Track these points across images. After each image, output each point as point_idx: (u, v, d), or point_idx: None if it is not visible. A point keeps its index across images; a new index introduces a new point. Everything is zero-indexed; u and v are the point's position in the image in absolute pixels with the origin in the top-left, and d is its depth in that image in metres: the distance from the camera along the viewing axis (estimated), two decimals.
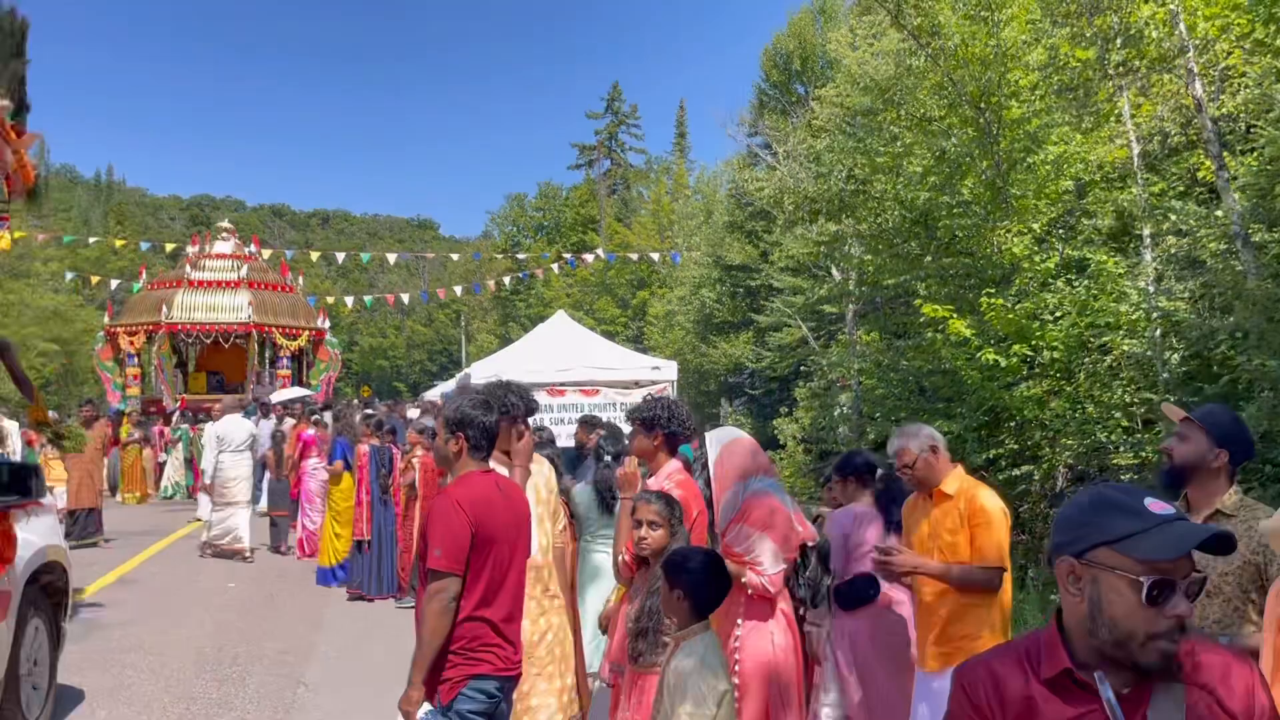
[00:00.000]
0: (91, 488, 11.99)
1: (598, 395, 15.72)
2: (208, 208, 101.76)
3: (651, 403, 4.16)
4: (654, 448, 4.04)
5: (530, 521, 3.37)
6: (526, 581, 3.88)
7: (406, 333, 78.90)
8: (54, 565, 4.73)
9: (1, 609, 3.97)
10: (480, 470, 3.21)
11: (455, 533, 2.99)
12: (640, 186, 51.83)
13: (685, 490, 3.81)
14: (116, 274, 35.52)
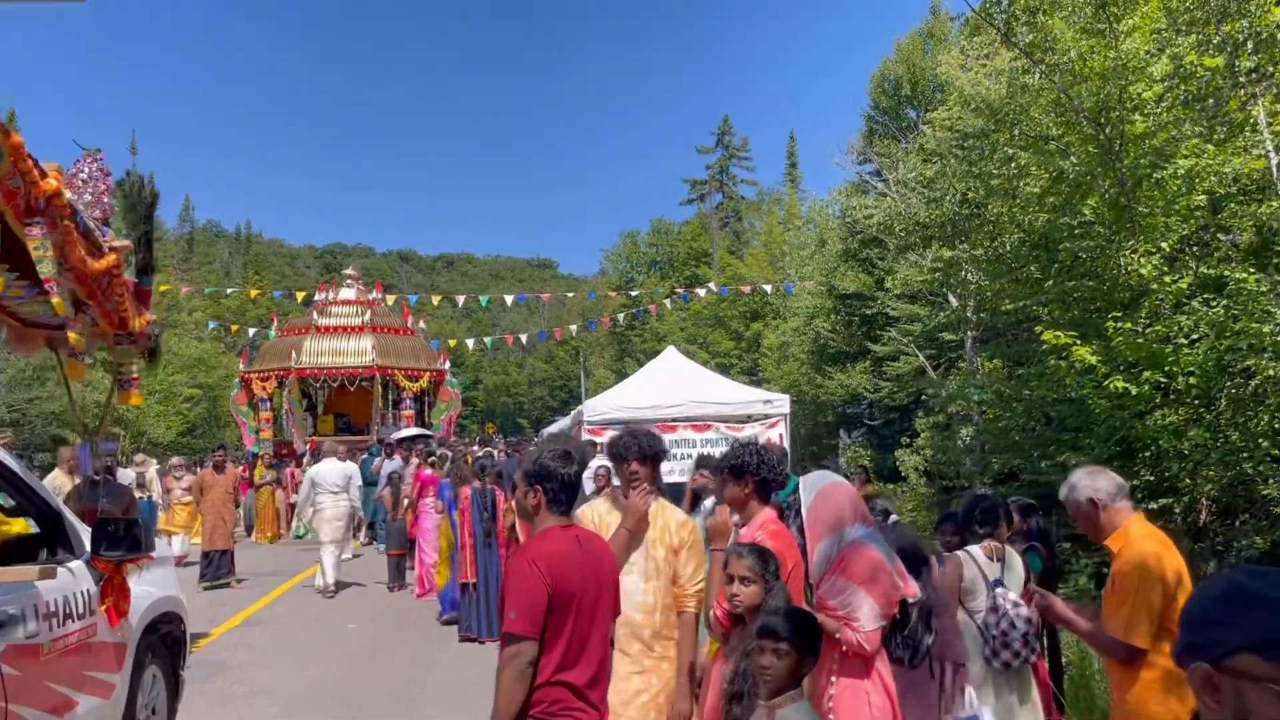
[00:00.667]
0: (224, 530, 12.60)
1: (709, 430, 15.56)
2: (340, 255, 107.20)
3: (740, 449, 3.99)
4: (745, 496, 3.85)
5: (615, 578, 3.21)
6: (621, 637, 3.76)
7: (528, 370, 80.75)
8: (171, 615, 4.93)
9: (118, 659, 4.16)
10: (560, 525, 3.08)
11: (531, 593, 2.86)
12: (752, 218, 51.64)
13: (779, 541, 3.64)
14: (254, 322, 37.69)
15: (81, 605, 3.80)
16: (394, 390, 23.98)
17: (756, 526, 3.75)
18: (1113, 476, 3.51)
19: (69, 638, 3.67)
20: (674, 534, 3.92)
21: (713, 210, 54.91)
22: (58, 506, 3.94)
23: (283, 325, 26.02)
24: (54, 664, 3.52)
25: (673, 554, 3.90)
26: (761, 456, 3.87)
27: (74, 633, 3.71)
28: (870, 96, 28.03)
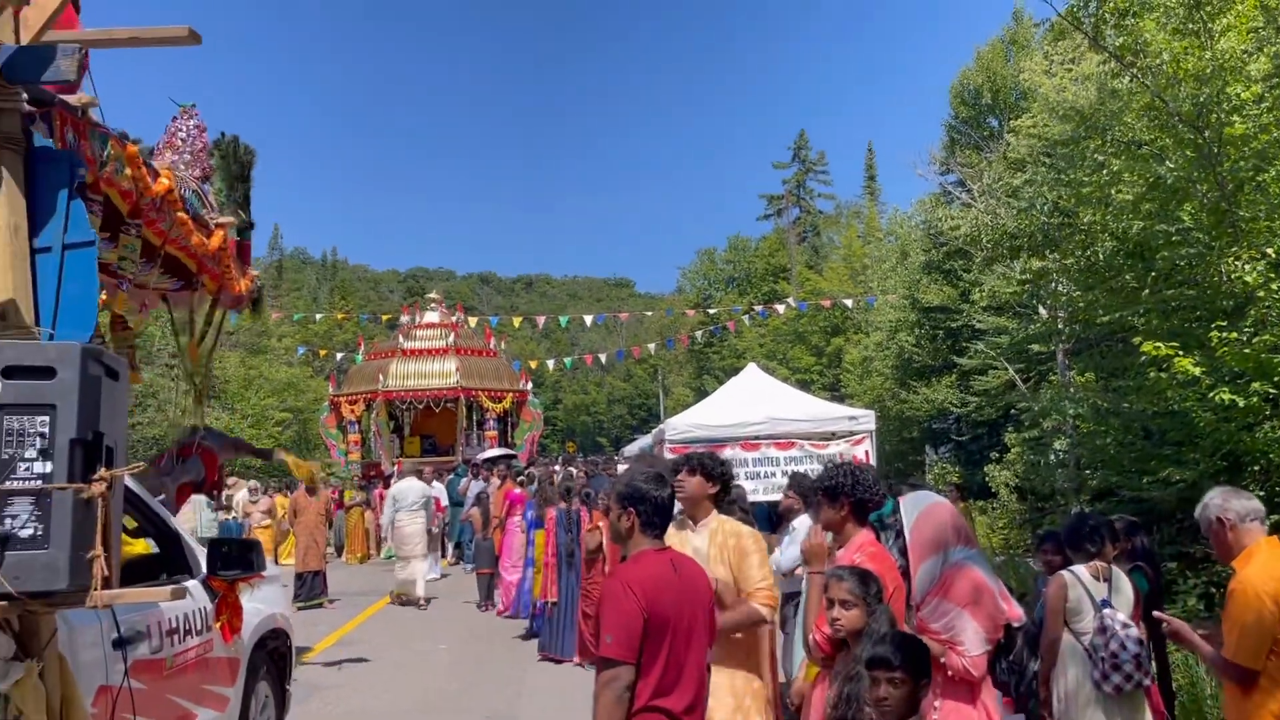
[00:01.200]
0: (317, 551, 12.95)
1: (793, 448, 15.35)
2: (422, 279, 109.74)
3: (835, 469, 3.93)
4: (841, 518, 3.79)
5: (711, 602, 3.15)
6: None
7: (606, 389, 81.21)
8: (279, 632, 5.13)
9: (231, 674, 4.35)
10: (654, 548, 3.03)
11: (627, 617, 2.83)
12: (830, 232, 51.09)
13: (878, 563, 3.56)
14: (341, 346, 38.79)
15: (199, 622, 3.99)
16: (478, 411, 24.37)
17: (855, 548, 3.68)
18: (1248, 499, 3.40)
19: (188, 653, 3.85)
20: (732, 550, 3.87)
21: (790, 225, 54.53)
22: (176, 528, 4.14)
23: (369, 349, 26.70)
24: (175, 678, 3.70)
25: (733, 568, 3.86)
26: (857, 477, 3.81)
27: (193, 648, 3.90)
28: (950, 106, 27.59)
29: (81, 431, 2.33)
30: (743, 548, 3.87)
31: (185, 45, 2.89)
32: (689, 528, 3.98)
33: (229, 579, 3.97)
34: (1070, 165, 11.89)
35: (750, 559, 3.84)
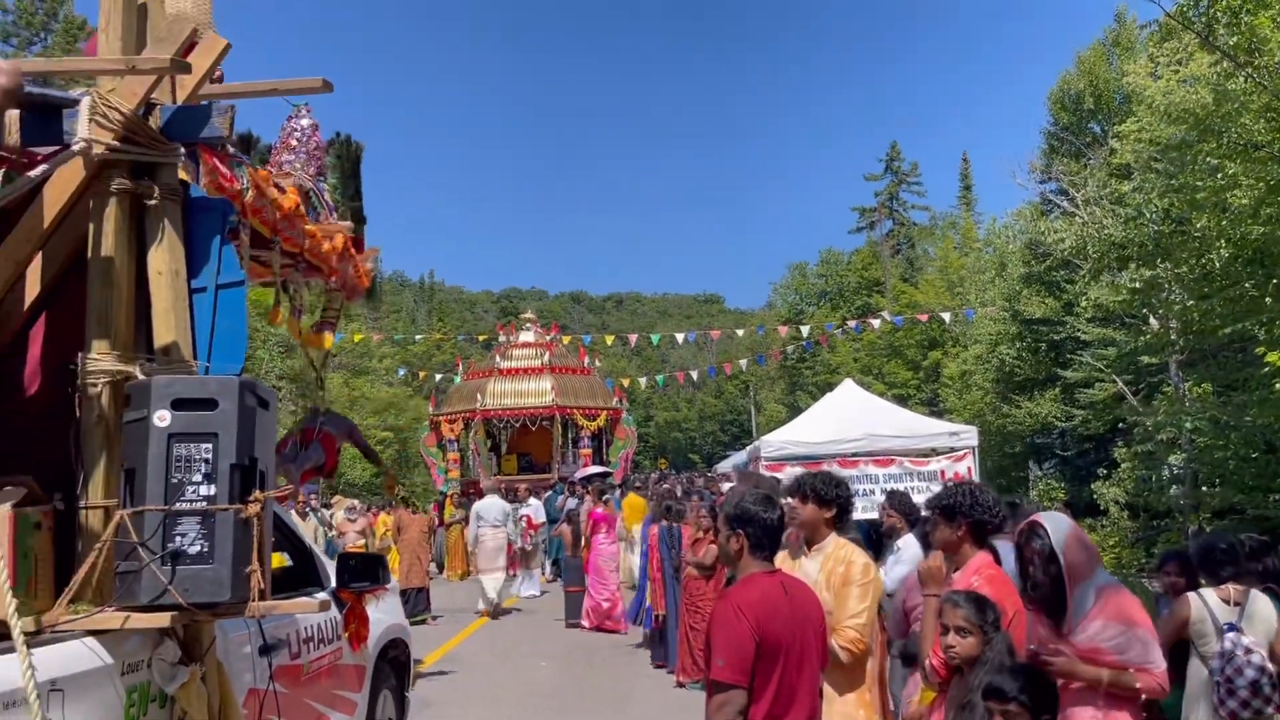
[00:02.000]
0: (420, 568, 13.28)
1: (892, 465, 15.07)
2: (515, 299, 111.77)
3: (953, 489, 3.82)
4: (958, 539, 3.65)
5: (823, 626, 3.14)
6: None
7: (698, 405, 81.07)
8: (399, 642, 5.38)
9: (358, 680, 4.59)
10: (764, 571, 3.03)
11: (738, 641, 2.83)
12: (925, 244, 50.07)
13: (996, 587, 3.42)
14: (439, 367, 39.81)
15: (330, 632, 4.23)
16: (573, 429, 24.71)
17: (972, 571, 3.55)
18: None
19: (322, 660, 4.09)
20: (839, 577, 3.76)
21: (883, 238, 53.66)
22: (309, 544, 4.41)
23: (468, 369, 27.33)
24: (311, 683, 3.93)
25: (834, 595, 3.74)
26: (976, 497, 3.70)
27: (325, 656, 4.13)
28: (1050, 112, 26.86)
29: (240, 457, 2.54)
30: (847, 576, 3.75)
31: (319, 93, 3.11)
32: (804, 552, 3.90)
33: (357, 591, 4.20)
34: (1182, 170, 11.48)
35: (849, 590, 3.71)
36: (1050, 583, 3.25)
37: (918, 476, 15.18)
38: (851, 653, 3.62)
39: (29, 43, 40.28)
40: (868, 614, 3.73)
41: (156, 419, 2.48)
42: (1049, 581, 3.26)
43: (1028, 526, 3.38)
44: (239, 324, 2.90)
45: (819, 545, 3.88)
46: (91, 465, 2.68)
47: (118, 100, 2.69)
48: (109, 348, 2.72)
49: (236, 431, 2.53)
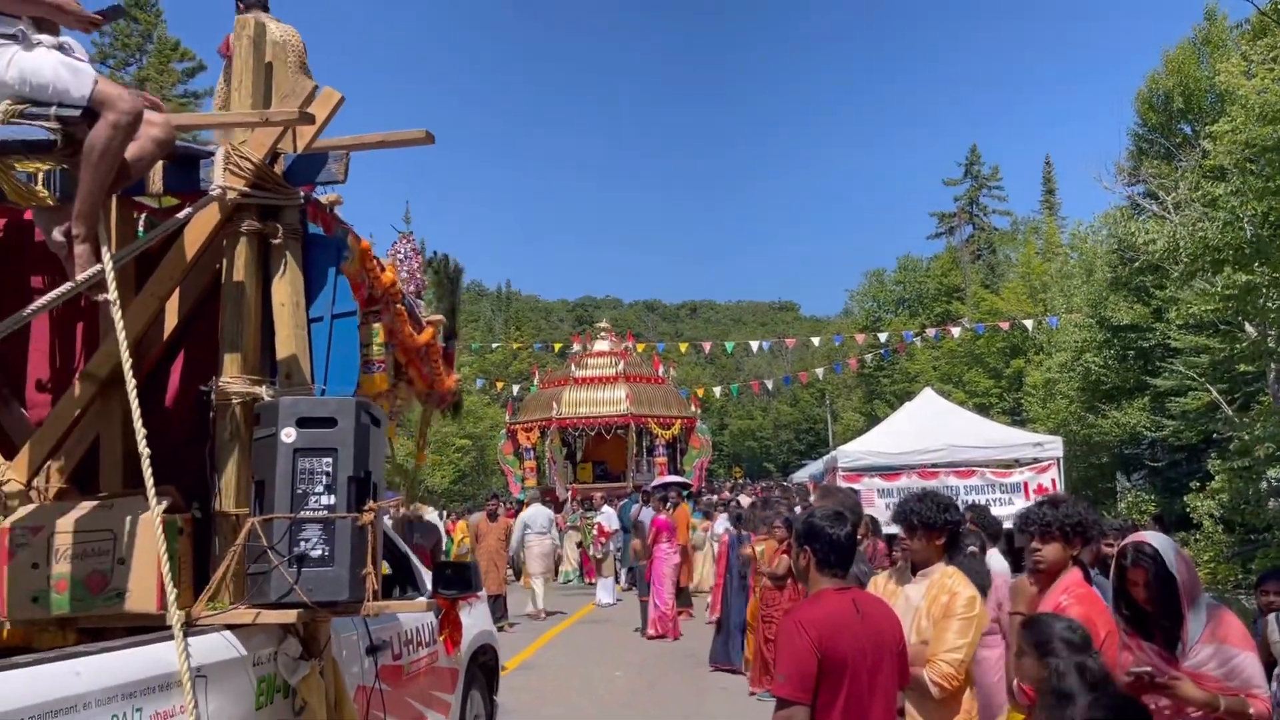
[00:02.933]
0: (497, 575, 13.57)
1: (973, 477, 14.84)
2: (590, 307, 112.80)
3: (1048, 505, 3.64)
4: (1065, 558, 3.51)
5: (900, 646, 3.10)
6: None
7: (772, 414, 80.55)
8: (488, 647, 5.69)
9: (452, 682, 4.88)
10: (834, 587, 3.02)
11: (799, 657, 2.80)
12: (1007, 249, 48.92)
13: (1087, 606, 3.28)
14: (516, 376, 40.46)
15: (427, 635, 4.52)
16: (647, 438, 24.89)
17: (1061, 590, 3.41)
18: None
19: (420, 662, 4.38)
20: (940, 607, 3.57)
21: (963, 243, 52.63)
22: (406, 551, 4.71)
23: (544, 378, 27.75)
24: (410, 683, 4.22)
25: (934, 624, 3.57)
26: (1082, 515, 3.56)
27: (423, 658, 4.42)
28: (1137, 113, 26.10)
29: (356, 470, 2.82)
30: (949, 608, 3.55)
31: (422, 145, 3.38)
32: (909, 579, 3.75)
33: (451, 598, 4.47)
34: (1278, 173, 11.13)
35: (950, 623, 3.51)
36: (1160, 604, 3.13)
37: (1000, 488, 14.92)
38: (944, 688, 3.45)
39: (124, 64, 42.46)
40: (968, 650, 3.51)
41: (284, 436, 2.77)
42: (1158, 603, 3.14)
43: (1131, 546, 3.24)
44: (351, 350, 3.19)
45: (925, 571, 3.71)
46: (225, 477, 2.99)
47: (249, 151, 3.01)
48: (240, 371, 3.03)
49: (354, 447, 2.81)
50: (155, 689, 2.36)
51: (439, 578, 4.48)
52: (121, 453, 3.11)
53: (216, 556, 2.92)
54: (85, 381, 3.08)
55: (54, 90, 2.67)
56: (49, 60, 2.69)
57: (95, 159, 2.67)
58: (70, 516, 2.80)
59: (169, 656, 2.42)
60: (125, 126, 2.69)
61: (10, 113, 2.61)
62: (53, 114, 2.65)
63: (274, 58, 3.21)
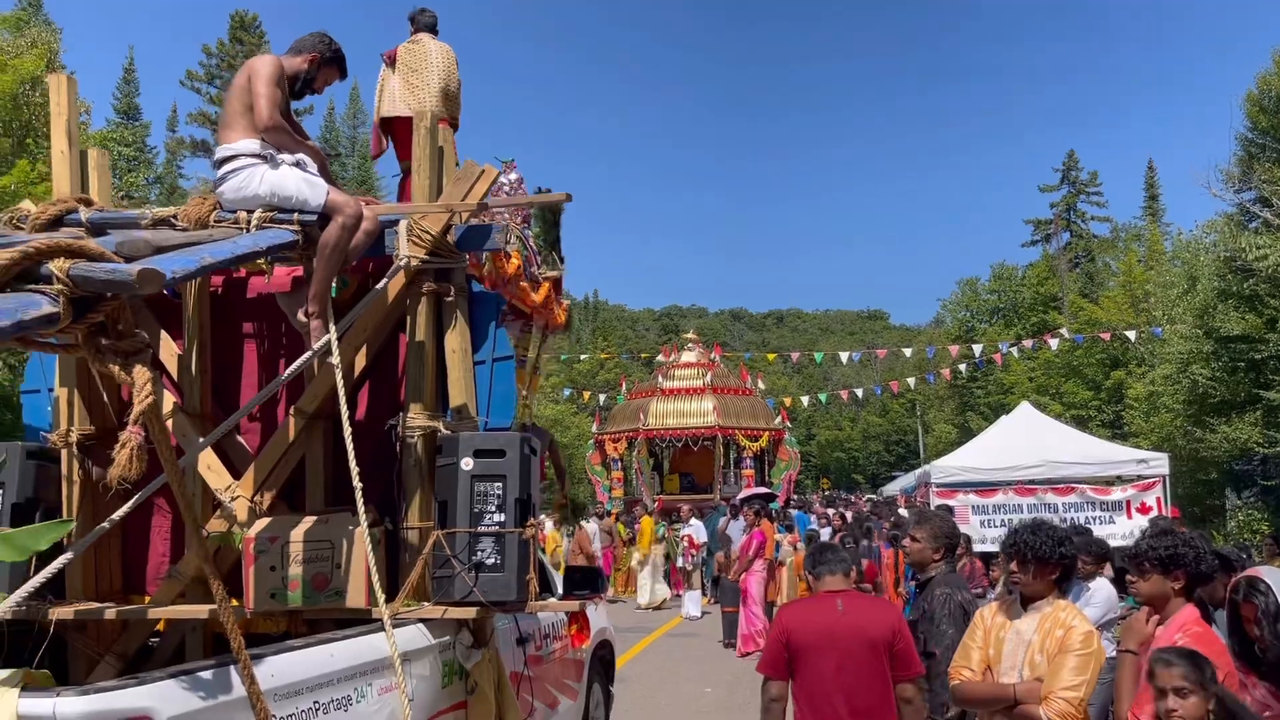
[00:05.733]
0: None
1: (1072, 494, 14.65)
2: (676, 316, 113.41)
3: (1169, 537, 3.51)
4: (1173, 591, 3.38)
5: (880, 637, 3.53)
6: None
7: (861, 425, 79.72)
8: (607, 644, 6.31)
9: (579, 673, 5.49)
10: (828, 590, 3.67)
11: (771, 642, 3.56)
12: (1106, 257, 47.64)
13: (1204, 645, 3.13)
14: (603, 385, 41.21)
15: (561, 630, 5.12)
16: (735, 449, 25.11)
17: (1176, 627, 3.31)
18: None
19: (555, 653, 4.98)
20: (1055, 643, 3.44)
21: (1060, 251, 51.39)
22: (542, 558, 5.32)
23: (631, 389, 28.18)
24: (549, 671, 4.83)
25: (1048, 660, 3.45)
26: (1195, 547, 3.42)
27: (557, 650, 5.03)
28: (1246, 116, 25.25)
29: (521, 493, 3.42)
30: (1064, 644, 3.42)
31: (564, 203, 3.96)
32: (1020, 612, 3.62)
33: (580, 598, 5.05)
34: None
35: (1065, 660, 3.39)
36: (1274, 641, 3.06)
37: (1101, 506, 14.68)
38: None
39: (230, 84, 45.02)
40: (1086, 687, 3.38)
41: (464, 464, 3.39)
42: (1272, 640, 3.07)
43: (1245, 581, 3.16)
44: (509, 389, 3.81)
45: (1036, 605, 3.58)
46: (410, 496, 3.63)
47: (428, 225, 3.64)
48: (422, 409, 3.68)
49: (519, 474, 3.43)
50: (379, 669, 2.99)
51: (570, 580, 5.07)
52: (324, 475, 3.79)
53: (406, 563, 3.55)
54: (296, 416, 3.76)
55: (296, 200, 3.41)
56: (292, 176, 3.43)
57: (328, 253, 3.38)
58: (299, 528, 3.48)
59: (384, 644, 3.05)
60: (351, 227, 3.40)
61: (262, 219, 3.32)
62: (295, 219, 3.36)
63: (444, 141, 3.87)
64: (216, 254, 2.90)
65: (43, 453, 4.01)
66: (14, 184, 13.34)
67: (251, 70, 3.69)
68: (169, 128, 45.04)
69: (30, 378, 4.36)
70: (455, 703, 3.51)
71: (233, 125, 3.60)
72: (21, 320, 2.07)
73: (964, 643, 3.67)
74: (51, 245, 2.21)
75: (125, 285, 2.16)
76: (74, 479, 4.00)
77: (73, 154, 3.89)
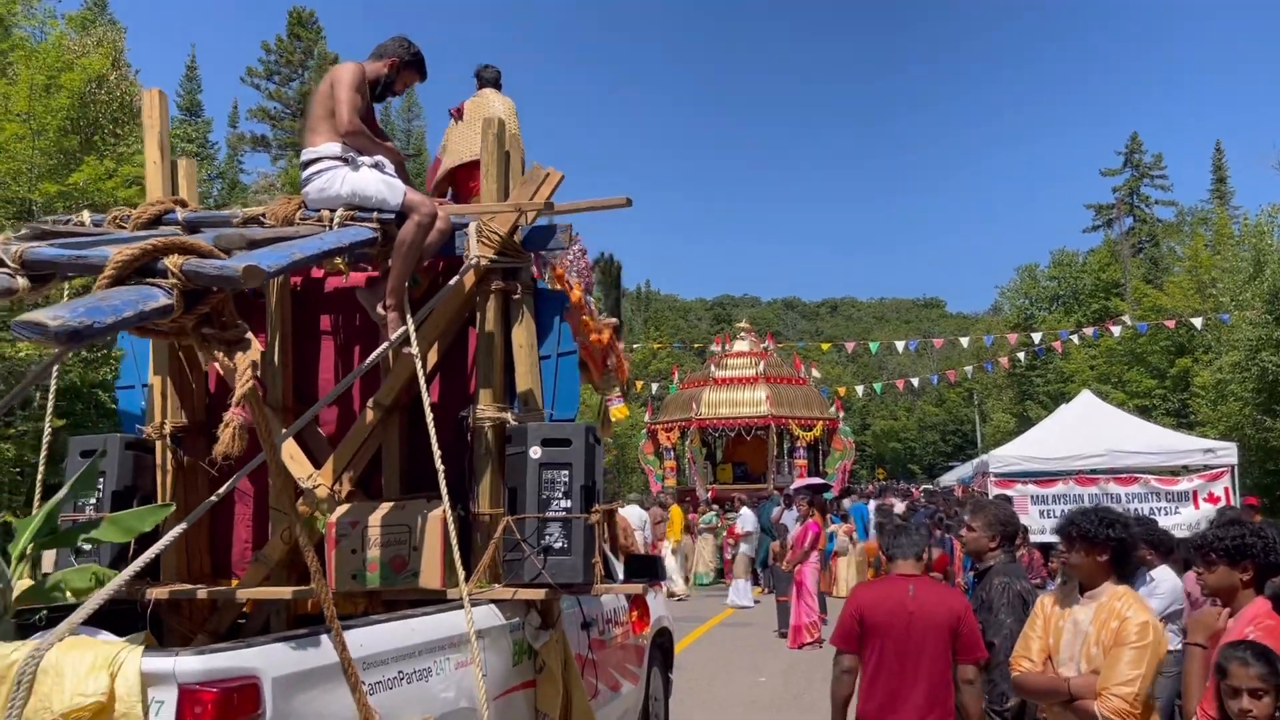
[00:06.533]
0: None
1: (1135, 484, 14.43)
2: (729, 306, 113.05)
3: (1238, 527, 3.41)
4: (1241, 583, 3.29)
5: (946, 623, 3.69)
6: None
7: (917, 414, 78.82)
8: (666, 631, 6.45)
9: (639, 658, 5.66)
10: (900, 573, 3.92)
11: (844, 619, 3.83)
12: (1171, 242, 46.40)
13: (1275, 640, 3.02)
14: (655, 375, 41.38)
15: (621, 616, 5.28)
16: (788, 439, 25.03)
17: (1247, 621, 3.20)
18: None
19: (617, 639, 5.15)
20: (1111, 634, 3.35)
21: (1122, 236, 50.19)
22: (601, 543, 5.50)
23: (684, 378, 28.25)
24: (611, 655, 5.00)
25: (1104, 652, 3.37)
26: (1268, 540, 3.31)
27: (619, 636, 5.20)
28: None
29: (586, 480, 3.59)
30: (1120, 635, 3.32)
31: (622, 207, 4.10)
32: (1077, 600, 3.55)
33: (643, 584, 5.20)
34: None
35: (1121, 653, 3.29)
36: None
37: (1166, 497, 14.42)
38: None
39: (288, 79, 46.10)
40: (1142, 682, 3.26)
41: (532, 453, 3.58)
42: None
43: None
44: (573, 382, 3.98)
45: (1093, 593, 3.49)
46: (481, 483, 3.82)
47: (496, 225, 3.82)
48: (491, 400, 3.86)
49: (584, 462, 3.59)
50: (456, 645, 3.18)
51: (630, 568, 5.24)
52: (399, 463, 3.99)
53: (477, 547, 3.74)
54: (374, 407, 3.98)
55: (376, 200, 3.61)
56: (371, 177, 3.63)
57: (405, 250, 3.58)
58: (378, 514, 3.69)
59: (460, 622, 3.24)
60: (426, 225, 3.60)
61: (344, 218, 3.52)
62: (374, 218, 3.56)
63: (510, 147, 4.04)
64: (305, 249, 3.10)
65: (139, 443, 4.30)
66: (84, 180, 13.89)
67: (334, 77, 3.90)
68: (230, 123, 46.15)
69: (125, 374, 4.66)
70: (525, 681, 3.70)
71: (317, 129, 3.81)
72: (142, 311, 2.28)
73: (1024, 632, 3.67)
74: (167, 243, 2.42)
75: (232, 280, 2.36)
76: (167, 468, 4.27)
77: (164, 164, 4.15)
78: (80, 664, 2.44)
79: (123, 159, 15.14)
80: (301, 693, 2.63)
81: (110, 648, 2.51)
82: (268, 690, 2.52)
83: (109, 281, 2.42)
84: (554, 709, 3.69)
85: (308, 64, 44.88)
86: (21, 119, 14.21)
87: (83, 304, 2.28)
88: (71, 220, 3.75)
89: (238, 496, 4.37)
